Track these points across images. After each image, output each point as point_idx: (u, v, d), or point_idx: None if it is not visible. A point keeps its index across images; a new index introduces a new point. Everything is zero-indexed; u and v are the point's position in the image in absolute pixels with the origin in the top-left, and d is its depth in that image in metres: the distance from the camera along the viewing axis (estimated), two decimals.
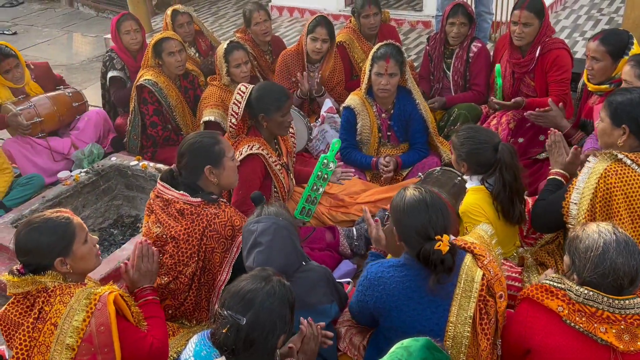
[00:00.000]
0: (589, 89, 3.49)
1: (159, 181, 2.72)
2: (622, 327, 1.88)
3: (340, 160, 3.95)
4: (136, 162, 4.15)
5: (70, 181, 3.99)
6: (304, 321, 2.17)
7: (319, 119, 4.40)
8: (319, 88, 4.47)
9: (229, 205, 2.76)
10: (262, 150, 3.22)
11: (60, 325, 2.07)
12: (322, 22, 4.39)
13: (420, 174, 3.57)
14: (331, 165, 3.45)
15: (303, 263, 2.47)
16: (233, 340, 1.81)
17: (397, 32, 5.14)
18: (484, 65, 4.30)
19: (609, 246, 1.90)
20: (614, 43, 3.29)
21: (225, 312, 1.84)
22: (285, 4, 7.46)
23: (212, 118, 4.06)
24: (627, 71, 3.01)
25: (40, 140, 4.41)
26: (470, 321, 2.09)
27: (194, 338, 1.96)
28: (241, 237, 2.56)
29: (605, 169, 2.41)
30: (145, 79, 4.21)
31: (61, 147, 4.50)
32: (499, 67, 4.01)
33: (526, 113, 3.70)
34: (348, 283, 2.92)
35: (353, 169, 3.85)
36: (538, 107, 3.65)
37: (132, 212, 4.23)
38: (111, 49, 4.86)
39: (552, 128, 3.01)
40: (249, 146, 3.20)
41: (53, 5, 10.19)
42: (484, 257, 2.18)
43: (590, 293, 1.90)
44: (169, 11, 4.84)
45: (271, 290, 1.87)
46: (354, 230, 3.42)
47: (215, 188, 2.74)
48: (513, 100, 3.91)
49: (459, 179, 3.13)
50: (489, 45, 4.44)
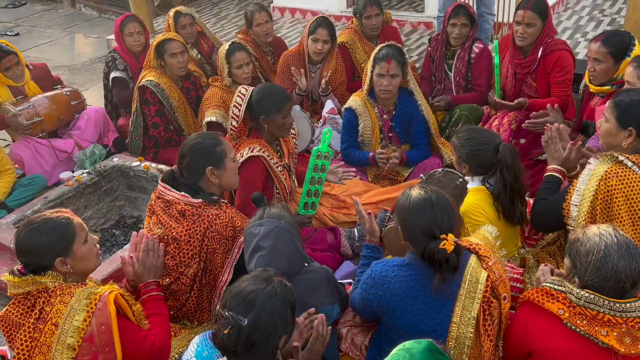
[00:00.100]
0: (591, 90, 3.49)
1: (160, 182, 2.72)
2: (623, 330, 1.88)
3: (341, 160, 3.97)
4: (138, 163, 4.15)
5: (72, 182, 3.99)
6: (319, 317, 2.18)
7: (321, 120, 4.40)
8: (326, 87, 4.47)
9: (230, 206, 2.76)
10: (263, 152, 3.22)
11: (61, 325, 2.07)
12: (323, 23, 4.40)
13: (422, 175, 3.56)
14: (326, 154, 3.42)
15: (305, 264, 2.47)
16: (234, 341, 1.81)
17: (399, 33, 5.14)
18: (485, 66, 4.29)
19: (610, 249, 1.89)
20: (616, 44, 3.29)
21: (227, 313, 1.84)
22: (287, 5, 7.46)
23: (214, 119, 4.07)
24: (629, 72, 3.01)
25: (42, 140, 4.41)
26: (474, 322, 2.09)
27: (196, 339, 1.96)
28: (243, 238, 2.57)
29: (606, 171, 2.40)
30: (148, 80, 4.21)
31: (64, 146, 4.50)
32: (497, 61, 3.96)
33: (524, 124, 3.69)
34: (349, 284, 2.92)
35: (354, 169, 3.85)
36: (540, 109, 3.65)
37: (134, 212, 4.24)
38: (114, 50, 4.87)
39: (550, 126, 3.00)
40: (249, 148, 3.20)
41: (55, 6, 10.21)
42: (488, 258, 2.18)
43: (591, 296, 1.90)
44: (172, 13, 4.84)
45: (272, 291, 1.87)
46: (355, 231, 3.42)
47: (217, 189, 2.74)
48: (516, 101, 3.91)
49: (461, 180, 3.13)
50: (491, 46, 4.43)
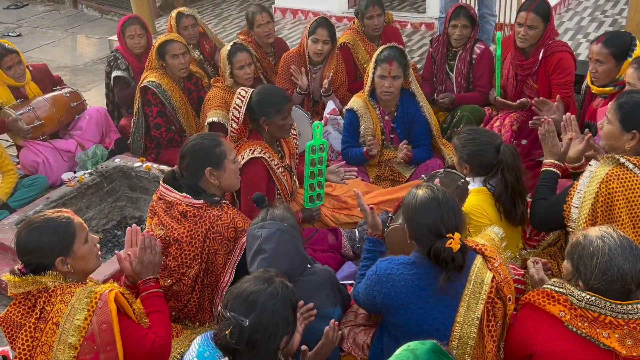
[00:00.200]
0: (593, 91, 3.48)
1: (161, 183, 2.73)
2: (625, 331, 1.88)
3: (342, 160, 3.97)
4: (140, 164, 4.15)
5: (74, 182, 4.00)
6: (331, 324, 2.20)
7: (322, 121, 4.40)
8: (328, 88, 4.47)
9: (231, 207, 2.77)
10: (264, 153, 3.22)
11: (62, 325, 2.07)
12: (323, 23, 4.40)
13: (423, 176, 3.56)
14: (321, 146, 3.42)
15: (308, 266, 2.47)
16: (236, 342, 1.82)
17: (400, 33, 5.14)
18: (487, 67, 4.29)
19: (615, 252, 1.88)
20: (617, 45, 3.28)
21: (228, 314, 1.84)
22: (289, 6, 7.45)
23: (216, 119, 4.07)
24: (630, 73, 3.00)
25: (45, 143, 4.42)
26: (477, 322, 2.09)
27: (197, 339, 1.96)
28: (244, 238, 2.57)
29: (607, 174, 2.40)
30: (149, 81, 4.22)
31: (66, 146, 4.51)
32: (499, 53, 3.95)
33: (530, 122, 3.68)
34: (351, 285, 2.92)
35: (356, 169, 3.85)
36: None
37: (135, 213, 4.24)
38: (116, 49, 4.88)
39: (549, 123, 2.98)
40: (250, 150, 3.20)
41: (57, 7, 10.22)
42: (494, 259, 2.18)
43: (593, 298, 1.89)
44: (174, 14, 4.85)
45: (274, 292, 1.88)
46: (357, 232, 3.42)
47: (217, 190, 2.75)
48: (518, 101, 3.91)
49: (462, 181, 3.13)
50: (492, 47, 4.43)
